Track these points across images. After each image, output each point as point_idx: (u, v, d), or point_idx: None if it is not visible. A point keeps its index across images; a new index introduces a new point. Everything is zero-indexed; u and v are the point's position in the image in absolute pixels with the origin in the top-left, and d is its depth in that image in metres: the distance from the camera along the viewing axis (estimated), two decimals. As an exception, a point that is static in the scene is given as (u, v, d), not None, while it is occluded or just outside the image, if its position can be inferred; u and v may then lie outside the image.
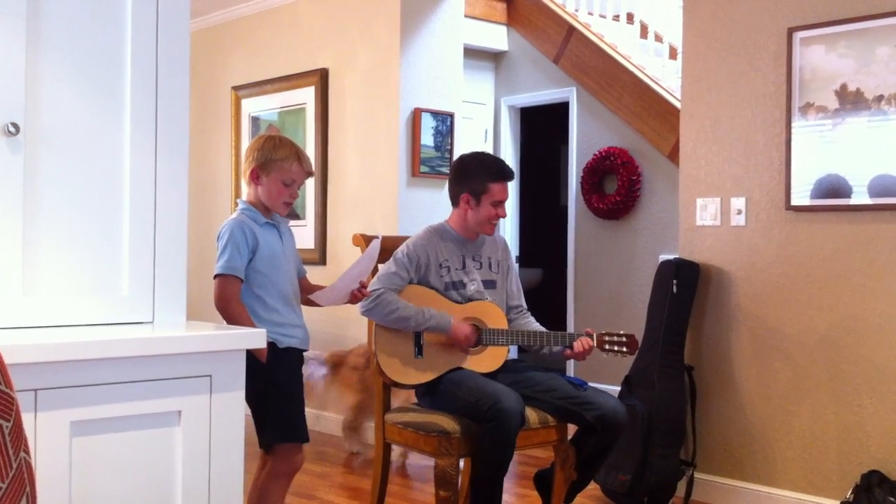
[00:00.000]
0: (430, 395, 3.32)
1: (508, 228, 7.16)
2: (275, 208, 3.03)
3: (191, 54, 2.20)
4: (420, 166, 5.27)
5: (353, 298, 3.13)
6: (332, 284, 3.11)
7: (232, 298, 2.89)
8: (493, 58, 7.14)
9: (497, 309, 3.38)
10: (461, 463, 3.20)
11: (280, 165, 2.99)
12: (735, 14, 3.99)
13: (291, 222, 3.26)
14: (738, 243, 3.98)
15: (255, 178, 3.02)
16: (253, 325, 2.87)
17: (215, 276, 2.92)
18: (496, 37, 6.99)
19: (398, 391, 3.91)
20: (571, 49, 6.60)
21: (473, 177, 3.36)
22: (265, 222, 3.01)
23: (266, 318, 2.95)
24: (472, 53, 6.58)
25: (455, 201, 3.42)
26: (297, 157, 3.03)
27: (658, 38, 6.89)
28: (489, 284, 3.43)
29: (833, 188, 3.66)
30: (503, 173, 3.37)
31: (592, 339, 3.27)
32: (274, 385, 2.91)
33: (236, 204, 3.09)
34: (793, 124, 3.77)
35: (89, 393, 1.81)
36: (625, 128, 6.30)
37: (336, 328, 5.44)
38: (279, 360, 2.89)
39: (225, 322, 2.90)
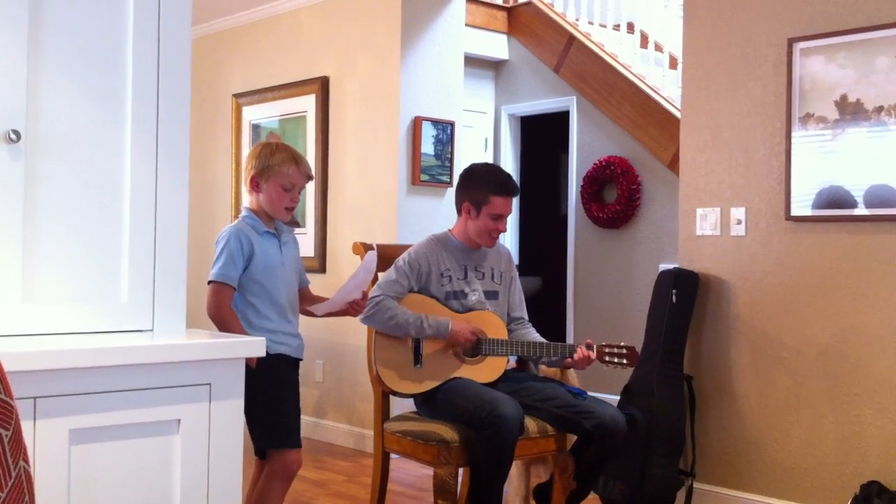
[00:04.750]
0: (428, 403, 3.31)
1: (508, 237, 7.16)
2: (276, 214, 3.04)
3: (192, 62, 2.20)
4: (420, 175, 5.27)
5: (353, 310, 3.13)
6: (331, 298, 3.12)
7: (223, 305, 2.92)
8: (494, 66, 7.16)
9: (497, 319, 3.38)
10: (460, 472, 3.19)
11: (278, 170, 3.01)
12: (735, 24, 4.00)
13: (291, 230, 3.26)
14: (738, 253, 3.98)
15: (254, 185, 3.04)
16: (242, 332, 2.89)
17: (209, 282, 2.94)
18: (497, 45, 7.00)
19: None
20: (572, 58, 6.61)
21: (477, 187, 3.35)
22: (265, 231, 3.02)
23: (257, 324, 2.97)
24: (472, 62, 6.59)
25: (458, 209, 3.43)
26: (295, 160, 3.04)
27: (658, 48, 6.90)
28: (491, 295, 3.43)
29: (833, 199, 3.66)
30: (507, 187, 3.34)
31: (592, 351, 3.26)
32: (260, 390, 2.90)
33: (240, 211, 3.11)
34: (793, 134, 3.77)
35: (88, 401, 1.80)
36: (625, 137, 6.30)
37: (335, 336, 5.43)
38: (267, 366, 2.88)
39: (216, 327, 2.92)
